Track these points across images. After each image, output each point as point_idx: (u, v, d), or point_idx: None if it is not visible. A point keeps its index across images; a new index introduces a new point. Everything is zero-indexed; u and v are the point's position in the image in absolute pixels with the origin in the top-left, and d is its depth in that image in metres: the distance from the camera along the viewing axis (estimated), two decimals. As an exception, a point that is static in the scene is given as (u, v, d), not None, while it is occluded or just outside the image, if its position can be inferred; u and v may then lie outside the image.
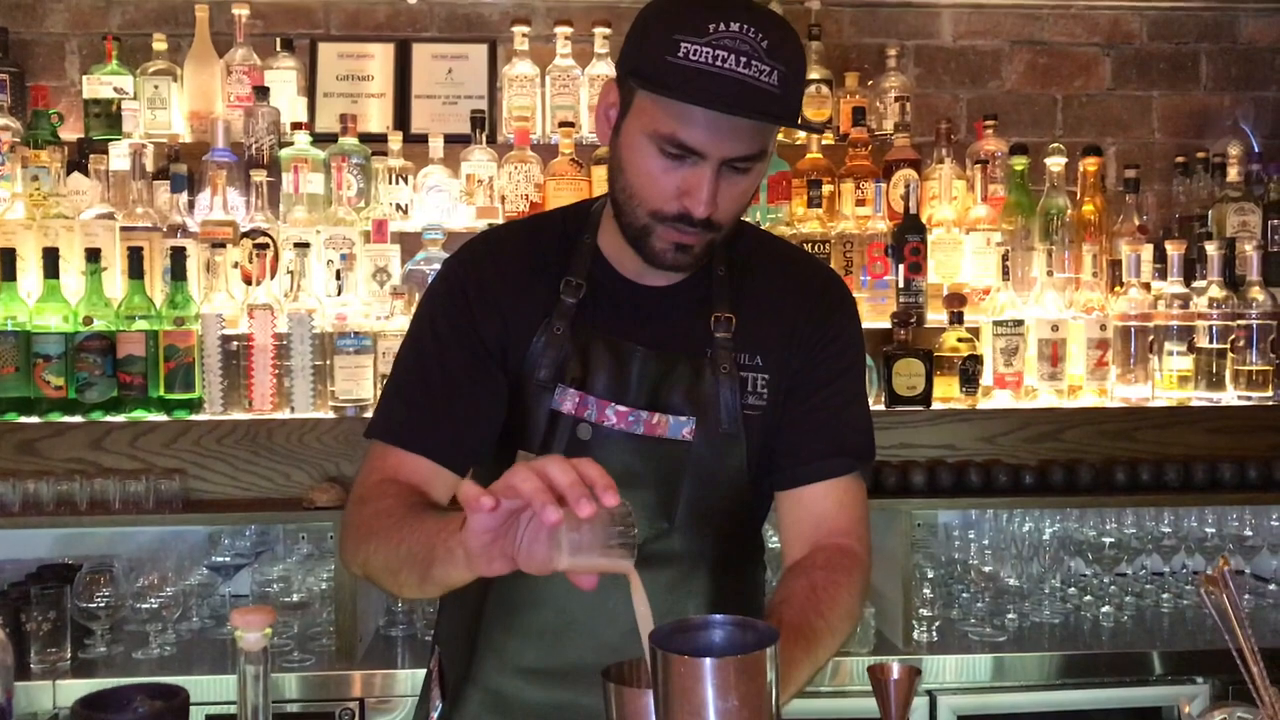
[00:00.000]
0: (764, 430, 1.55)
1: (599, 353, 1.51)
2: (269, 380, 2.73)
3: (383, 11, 3.34)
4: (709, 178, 1.36)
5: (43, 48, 3.27)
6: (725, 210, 1.41)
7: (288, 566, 2.84)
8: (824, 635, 1.40)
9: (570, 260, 1.55)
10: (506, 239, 1.65)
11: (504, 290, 1.53)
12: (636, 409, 1.50)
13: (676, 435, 1.51)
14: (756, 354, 1.54)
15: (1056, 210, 3.03)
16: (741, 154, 1.37)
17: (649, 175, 1.39)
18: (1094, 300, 2.92)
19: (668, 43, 1.32)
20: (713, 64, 1.30)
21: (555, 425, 1.51)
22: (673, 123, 1.35)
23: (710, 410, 1.51)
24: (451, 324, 1.53)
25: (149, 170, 2.92)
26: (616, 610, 1.50)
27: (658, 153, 1.37)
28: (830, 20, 3.38)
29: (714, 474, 1.53)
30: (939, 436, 2.80)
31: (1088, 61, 3.49)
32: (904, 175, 3.07)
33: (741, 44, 1.30)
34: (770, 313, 1.56)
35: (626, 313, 1.54)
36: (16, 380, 2.67)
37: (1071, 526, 2.94)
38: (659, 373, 1.51)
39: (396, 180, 3.02)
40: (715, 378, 1.51)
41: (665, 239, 1.42)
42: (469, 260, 1.59)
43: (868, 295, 2.92)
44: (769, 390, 1.54)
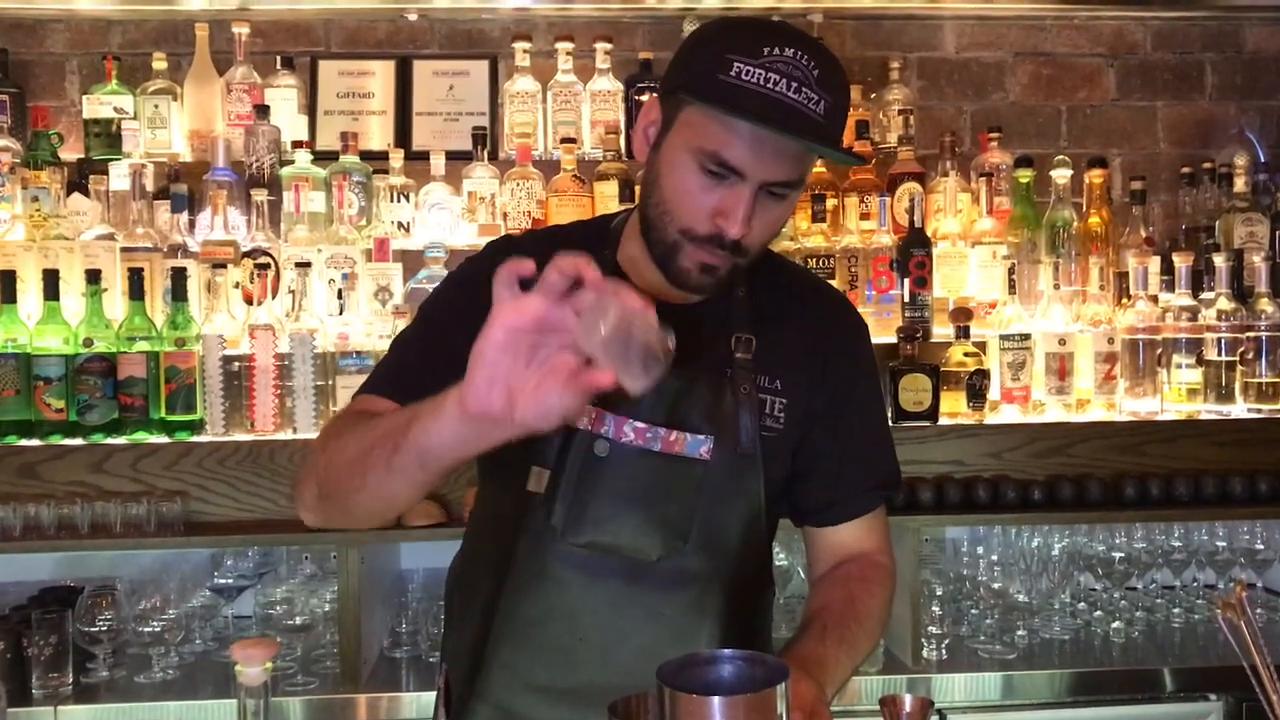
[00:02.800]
0: (780, 453, 1.56)
1: None
2: (271, 401, 2.71)
3: (383, 29, 3.33)
4: (747, 199, 1.37)
5: (43, 68, 3.26)
6: (756, 236, 1.42)
7: (291, 588, 2.81)
8: (860, 640, 1.49)
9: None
10: (526, 245, 1.62)
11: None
12: (654, 425, 1.50)
13: (694, 453, 1.51)
14: (775, 378, 1.55)
15: (1062, 223, 3.01)
16: (782, 178, 1.38)
17: (687, 192, 1.40)
18: (1101, 313, 2.90)
19: (720, 61, 1.34)
20: (764, 85, 1.31)
21: (570, 441, 1.50)
22: (718, 140, 1.36)
23: (729, 430, 1.51)
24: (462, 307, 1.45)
25: (149, 190, 2.91)
26: (629, 629, 1.51)
27: (699, 170, 1.38)
28: (832, 33, 3.37)
29: (730, 494, 1.53)
30: (946, 452, 2.78)
31: (1092, 72, 3.48)
32: (908, 189, 3.05)
33: (795, 70, 1.32)
34: (789, 337, 1.57)
35: None
36: (17, 403, 2.66)
37: (1080, 541, 2.91)
38: (678, 390, 1.50)
39: (398, 198, 3.00)
40: (735, 398, 1.51)
41: (693, 259, 1.43)
42: (497, 253, 1.58)
43: (873, 310, 2.90)
44: (785, 414, 1.55)
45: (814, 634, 1.48)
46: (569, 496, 1.49)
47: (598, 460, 1.50)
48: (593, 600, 1.51)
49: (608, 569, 1.51)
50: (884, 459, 1.66)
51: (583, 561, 1.51)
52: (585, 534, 1.50)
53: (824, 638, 1.46)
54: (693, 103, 1.38)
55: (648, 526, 1.50)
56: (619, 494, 1.50)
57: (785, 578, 2.81)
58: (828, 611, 1.51)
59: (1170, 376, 2.87)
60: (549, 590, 1.51)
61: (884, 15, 3.41)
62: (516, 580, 1.53)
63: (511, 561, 1.53)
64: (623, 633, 1.51)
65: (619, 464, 1.50)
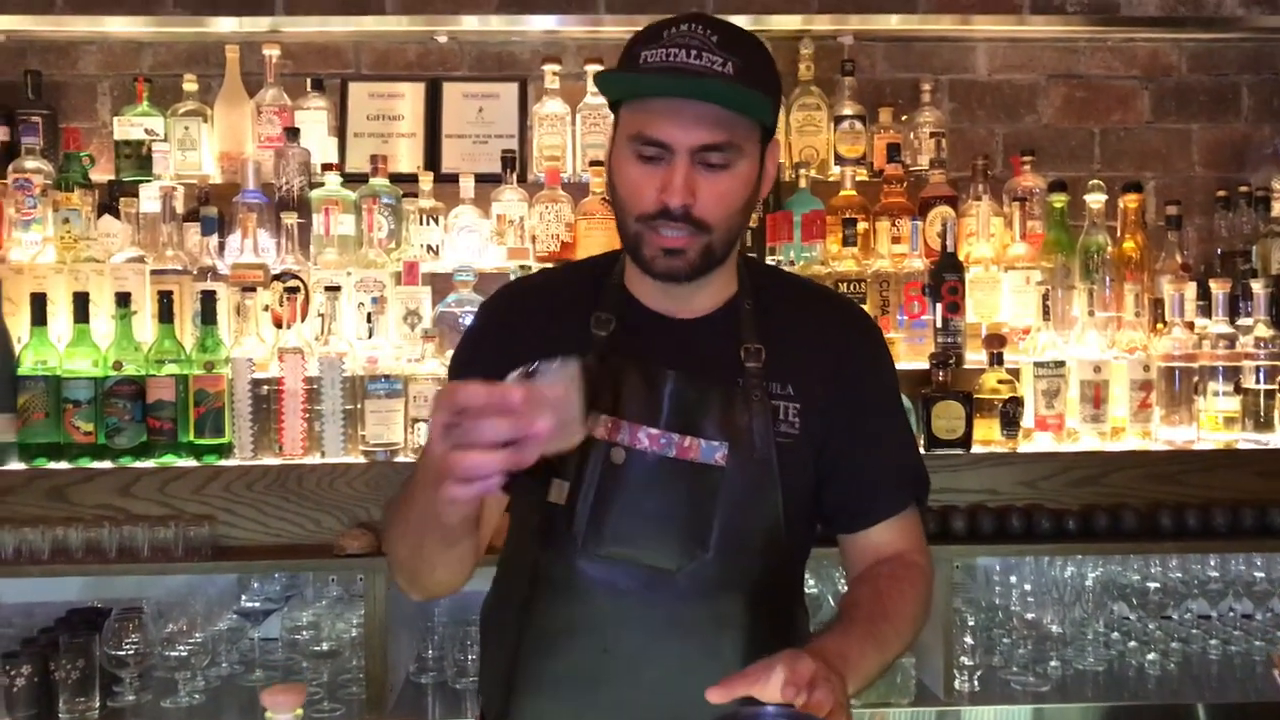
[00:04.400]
0: (798, 460, 1.56)
1: (631, 379, 1.54)
2: (299, 425, 2.70)
3: (413, 51, 3.33)
4: (680, 168, 1.43)
5: (75, 89, 3.28)
6: (709, 207, 1.45)
7: (317, 611, 2.80)
8: (890, 637, 1.49)
9: (599, 298, 1.60)
10: (536, 283, 1.76)
11: (535, 332, 1.56)
12: (668, 432, 1.52)
13: (709, 459, 1.52)
14: (788, 384, 1.57)
15: (1097, 248, 2.98)
16: (706, 141, 1.43)
17: (632, 182, 1.47)
18: (1136, 340, 2.87)
19: (631, 57, 1.45)
20: (667, 60, 1.41)
21: (589, 451, 1.51)
22: (640, 122, 1.44)
23: (743, 437, 1.53)
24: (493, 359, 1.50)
25: (179, 212, 2.91)
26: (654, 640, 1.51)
27: (636, 158, 1.45)
28: (863, 55, 3.35)
29: (748, 501, 1.53)
30: (979, 481, 2.74)
31: (1126, 95, 3.44)
32: (940, 212, 3.03)
33: (691, 39, 1.41)
34: (799, 343, 1.60)
35: (656, 344, 1.57)
36: (46, 426, 2.66)
37: (1114, 570, 2.87)
38: (691, 398, 1.53)
39: (427, 221, 3.00)
40: (747, 406, 1.53)
41: (654, 244, 1.47)
42: (500, 305, 1.69)
43: (905, 335, 2.88)
44: (800, 420, 1.56)
45: (838, 629, 1.48)
46: (588, 506, 1.51)
47: (615, 468, 1.52)
48: (617, 611, 1.52)
49: (630, 579, 1.51)
50: (908, 458, 1.67)
51: (606, 572, 1.52)
52: (605, 544, 1.51)
53: (848, 632, 1.46)
54: (623, 102, 1.49)
55: (666, 535, 1.51)
56: (637, 502, 1.51)
57: (815, 606, 2.78)
58: (855, 608, 1.52)
59: (1207, 405, 2.83)
60: (574, 601, 1.53)
61: (915, 37, 3.39)
62: (543, 593, 1.55)
63: (537, 574, 1.55)
64: (648, 644, 1.52)
65: (636, 471, 1.52)
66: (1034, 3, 3.37)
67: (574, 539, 1.52)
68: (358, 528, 2.61)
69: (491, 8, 3.28)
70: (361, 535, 2.58)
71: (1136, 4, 3.37)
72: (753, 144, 1.48)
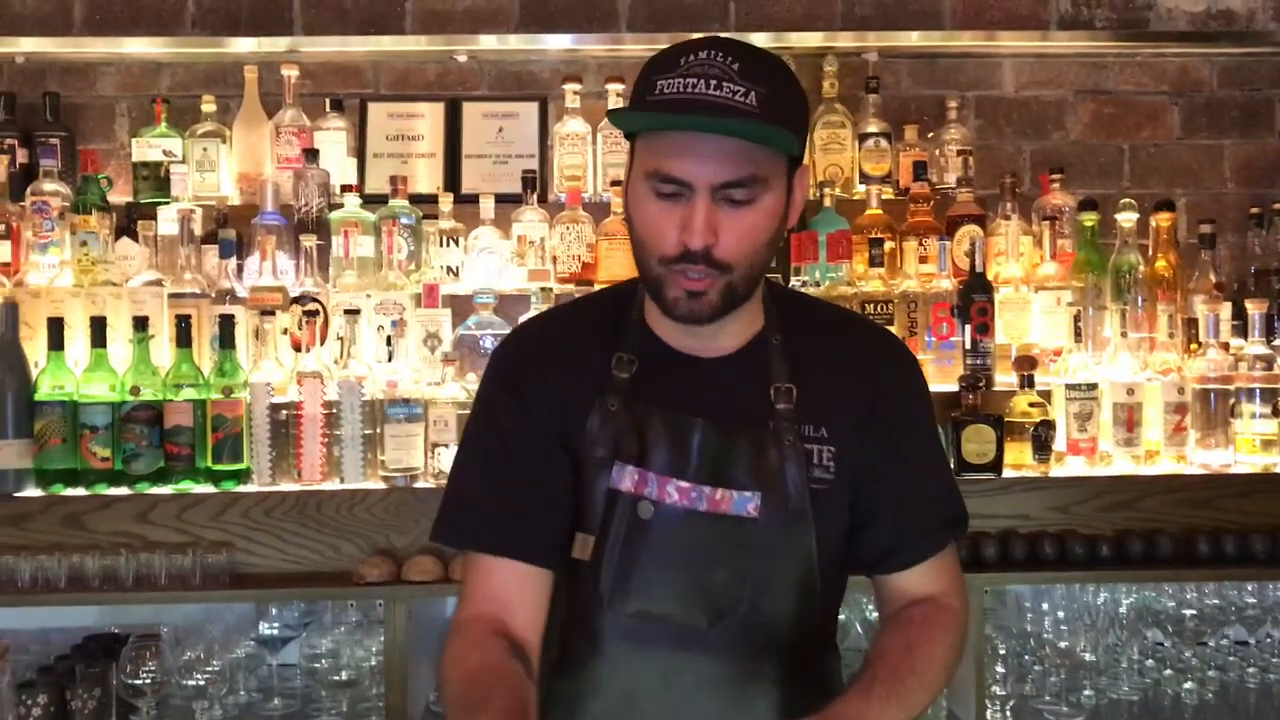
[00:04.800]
0: (833, 506, 1.49)
1: (656, 427, 1.47)
2: (318, 450, 2.67)
3: (432, 70, 3.31)
4: (701, 208, 1.35)
5: (94, 110, 3.26)
6: (731, 247, 1.37)
7: (336, 638, 2.77)
8: (916, 691, 1.43)
9: (620, 337, 1.52)
10: (553, 322, 1.67)
11: (555, 374, 1.51)
12: (698, 484, 1.45)
13: (741, 511, 1.45)
14: (821, 425, 1.49)
15: (1128, 267, 2.92)
16: (729, 178, 1.35)
17: (651, 221, 1.39)
18: (1170, 361, 2.81)
19: (646, 85, 1.37)
20: (684, 91, 1.32)
21: (614, 504, 1.46)
22: (657, 158, 1.36)
23: (775, 485, 1.46)
24: (512, 419, 1.51)
25: (197, 235, 2.88)
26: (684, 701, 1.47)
27: (654, 195, 1.37)
28: (888, 72, 3.32)
29: (781, 552, 1.47)
30: (1010, 506, 2.69)
31: (1155, 110, 3.40)
32: (968, 231, 2.98)
33: (710, 68, 1.32)
34: (833, 381, 1.52)
35: (681, 387, 1.49)
36: (63, 452, 2.63)
37: (1149, 596, 2.80)
38: (720, 447, 1.46)
39: (447, 242, 2.96)
40: (779, 451, 1.46)
41: (676, 286, 1.39)
42: (518, 348, 1.59)
43: (933, 357, 2.83)
44: (835, 463, 1.49)
45: (861, 686, 1.43)
46: (614, 562, 1.45)
47: (642, 523, 1.45)
48: (645, 671, 1.47)
49: (659, 637, 1.46)
50: (947, 496, 1.59)
51: (633, 631, 1.46)
52: (632, 602, 1.45)
53: (869, 692, 1.41)
54: (636, 134, 1.41)
55: (696, 593, 1.45)
56: (665, 559, 1.45)
57: (843, 632, 2.73)
58: (881, 662, 1.46)
59: (1243, 427, 2.76)
60: (599, 662, 1.48)
61: (940, 53, 3.35)
62: (568, 653, 1.49)
63: (564, 634, 1.49)
64: (679, 705, 1.46)
65: (664, 527, 1.45)
66: (1061, 18, 3.34)
67: (599, 597, 1.46)
68: (377, 555, 2.58)
69: (511, 26, 3.27)
70: (381, 563, 2.54)
71: (1166, 18, 3.33)
72: (779, 175, 1.39)
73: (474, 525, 1.49)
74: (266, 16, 3.23)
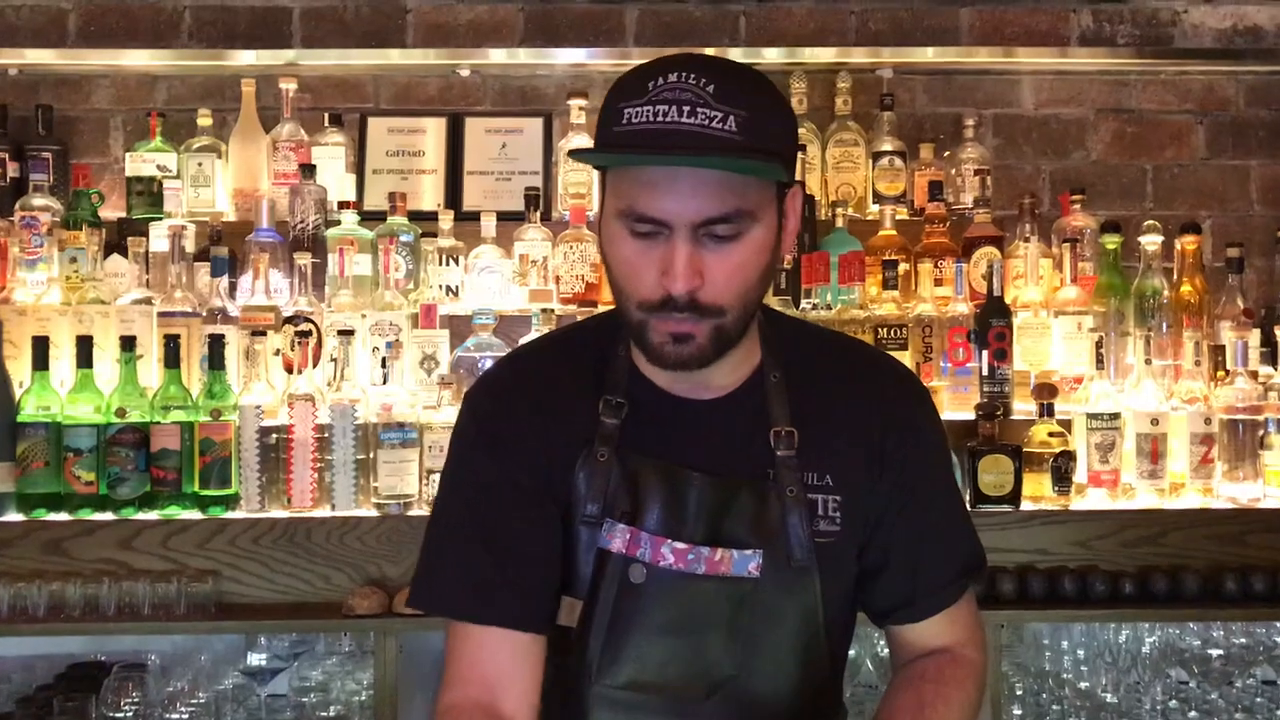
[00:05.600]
0: (840, 560, 1.39)
1: (650, 481, 1.35)
2: (309, 475, 2.58)
3: (434, 85, 3.23)
4: (681, 250, 1.22)
5: (88, 124, 3.19)
6: (719, 289, 1.24)
7: (328, 669, 2.68)
8: None
9: (605, 378, 1.39)
10: (533, 363, 1.50)
11: (538, 420, 1.39)
12: (695, 545, 1.33)
13: (741, 572, 1.34)
14: (826, 473, 1.38)
15: (1152, 291, 2.85)
16: (711, 215, 1.21)
17: (628, 264, 1.26)
18: (1196, 390, 2.72)
19: (614, 114, 1.23)
20: (655, 121, 1.19)
21: (604, 566, 1.34)
22: (630, 195, 1.23)
23: (778, 541, 1.34)
24: (493, 470, 1.38)
25: (189, 252, 2.80)
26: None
27: (629, 235, 1.25)
28: (903, 89, 3.24)
29: (784, 613, 1.36)
30: (1029, 540, 2.60)
31: (1179, 130, 3.30)
32: (986, 253, 2.89)
33: (682, 93, 1.19)
34: (838, 422, 1.40)
35: (674, 433, 1.38)
36: (46, 475, 2.56)
37: (1173, 635, 2.71)
38: (719, 502, 1.35)
39: (447, 261, 2.88)
40: (781, 504, 1.35)
41: (660, 330, 1.27)
42: (497, 394, 1.44)
43: (949, 384, 2.75)
44: (841, 513, 1.38)
45: None
46: (603, 630, 1.34)
47: (634, 588, 1.33)
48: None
49: (654, 710, 1.35)
50: (963, 542, 1.48)
51: (625, 703, 1.35)
52: (623, 673, 1.34)
53: None
54: (607, 169, 1.29)
55: (692, 661, 1.34)
56: (659, 626, 1.34)
57: (853, 669, 2.63)
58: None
59: (1273, 459, 2.66)
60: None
61: (957, 70, 3.27)
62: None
63: (545, 705, 1.37)
64: None
65: (658, 592, 1.33)
66: (1082, 34, 3.26)
67: (587, 668, 1.34)
68: (368, 586, 2.49)
69: (515, 40, 3.19)
70: (372, 594, 2.45)
71: (1191, 35, 3.25)
72: (766, 204, 1.26)
73: (457, 590, 1.35)
74: (265, 28, 3.16)
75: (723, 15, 3.22)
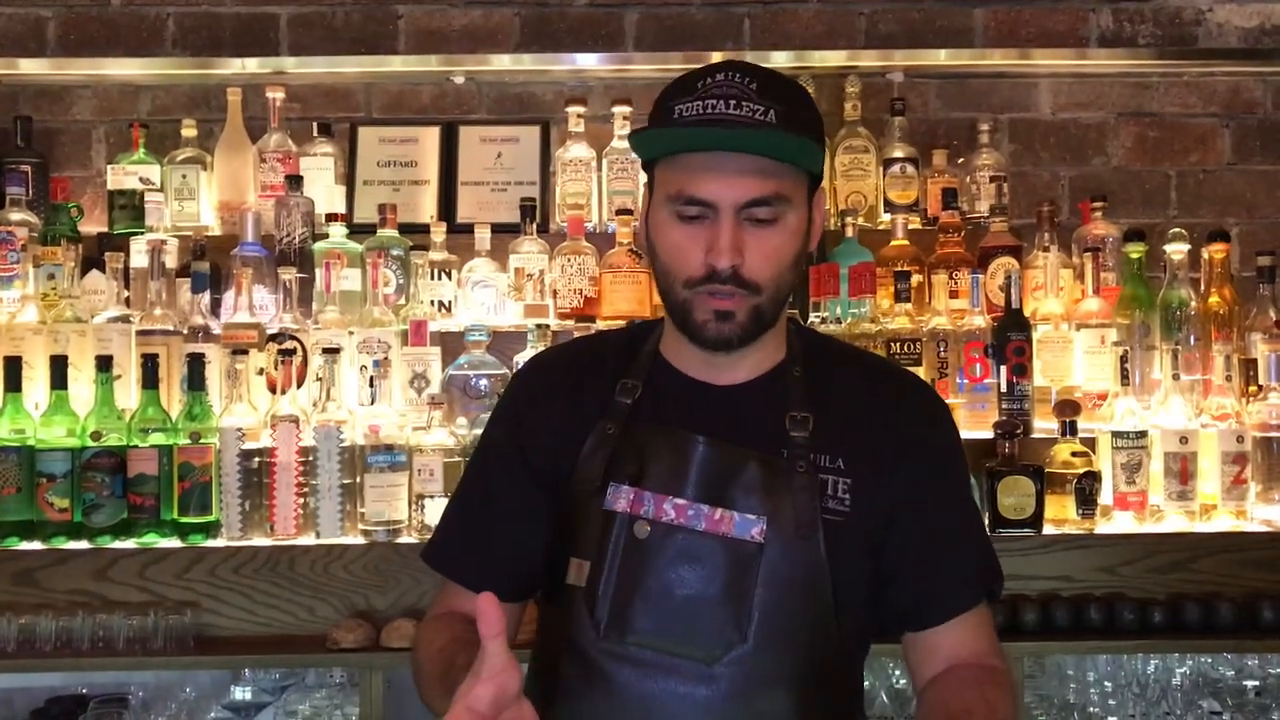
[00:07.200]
0: (850, 541, 1.42)
1: (655, 445, 1.43)
2: (293, 501, 2.47)
3: (427, 93, 3.13)
4: (726, 228, 1.36)
5: (69, 136, 3.10)
6: (758, 267, 1.37)
7: (315, 704, 2.57)
8: None
9: (630, 366, 1.51)
10: (569, 349, 1.73)
11: (558, 402, 1.51)
12: (696, 503, 1.39)
13: (744, 535, 1.38)
14: (838, 456, 1.44)
15: (1179, 303, 2.73)
16: (753, 196, 1.36)
17: (676, 246, 1.39)
18: (1227, 406, 2.61)
19: (665, 111, 1.39)
20: (704, 113, 1.34)
21: (610, 526, 1.41)
22: (680, 180, 1.37)
23: (784, 511, 1.39)
24: (501, 444, 1.55)
25: (170, 268, 2.69)
26: None
27: (677, 220, 1.38)
28: (915, 94, 3.13)
29: (792, 585, 1.39)
30: (1052, 566, 2.50)
31: (1205, 134, 3.19)
32: (1003, 264, 2.77)
33: (729, 89, 1.35)
34: (854, 416, 1.47)
35: (688, 410, 1.46)
36: (18, 502, 2.46)
37: (1205, 665, 2.60)
38: (724, 466, 1.41)
39: (439, 275, 2.77)
40: (789, 478, 1.40)
41: (704, 309, 1.39)
42: (527, 374, 1.64)
43: (965, 401, 2.63)
44: (851, 496, 1.43)
45: None
46: (610, 587, 1.39)
47: (639, 544, 1.39)
48: (649, 706, 1.37)
49: (663, 669, 1.37)
50: (979, 548, 1.53)
51: (632, 665, 1.38)
52: (630, 631, 1.38)
53: None
54: (657, 160, 1.42)
55: (698, 621, 1.37)
56: (665, 583, 1.38)
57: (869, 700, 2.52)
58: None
59: (1312, 480, 2.54)
60: (599, 698, 1.39)
61: (971, 73, 3.16)
62: (565, 688, 1.41)
63: (558, 667, 1.42)
64: None
65: (662, 547, 1.39)
66: (1102, 35, 3.16)
67: (595, 626, 1.39)
68: (354, 618, 2.39)
69: (511, 46, 3.10)
70: (357, 627, 2.35)
71: (1216, 34, 3.14)
72: (801, 194, 1.40)
73: (449, 553, 1.55)
74: (251, 36, 3.07)
75: (726, 18, 3.11)
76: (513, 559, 1.50)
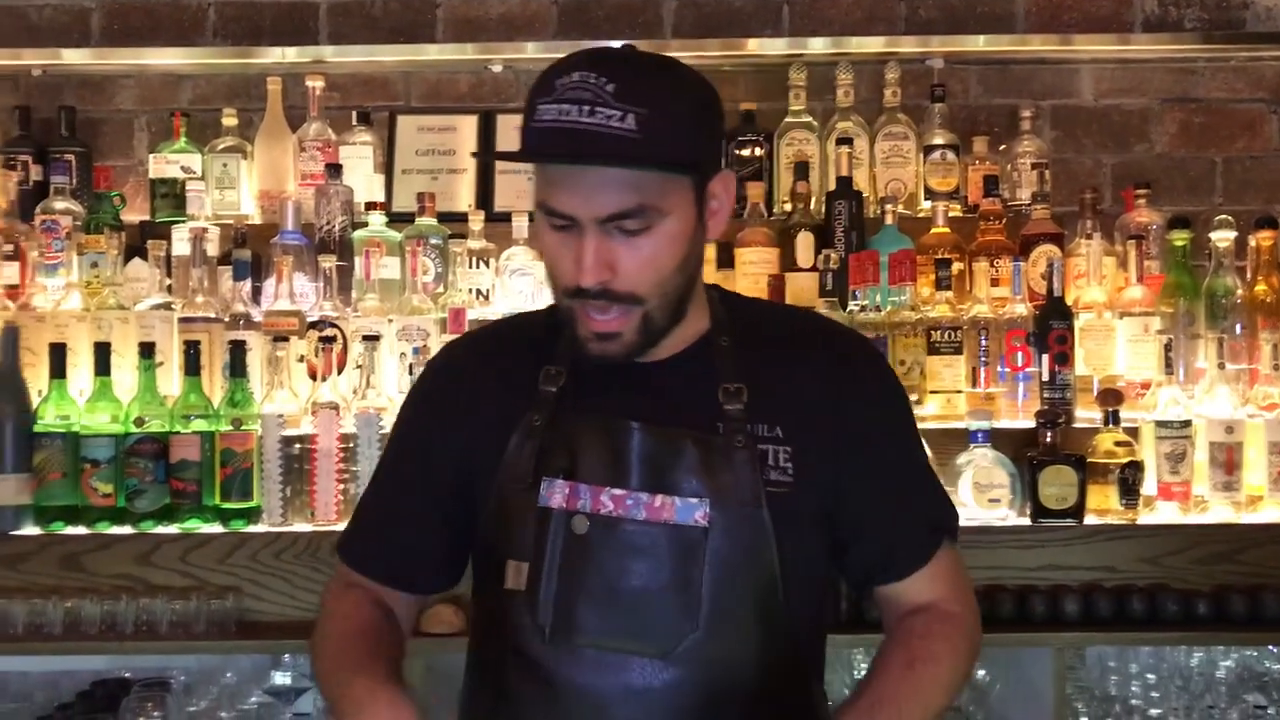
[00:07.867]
0: (795, 511, 1.37)
1: (587, 436, 1.37)
2: (333, 487, 2.50)
3: (465, 81, 3.14)
4: (590, 243, 1.28)
5: (112, 125, 3.12)
6: (633, 278, 1.30)
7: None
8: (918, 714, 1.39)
9: (553, 350, 1.43)
10: (483, 339, 1.61)
11: (476, 393, 1.46)
12: (635, 492, 1.34)
13: (687, 520, 1.34)
14: (776, 425, 1.38)
15: (1225, 291, 2.71)
16: (614, 211, 1.27)
17: (550, 253, 1.35)
18: (1274, 395, 2.59)
19: (530, 109, 1.30)
20: (557, 119, 1.25)
21: (546, 524, 1.35)
22: (542, 190, 1.31)
23: (726, 491, 1.34)
24: (413, 435, 1.52)
25: (211, 255, 2.71)
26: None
27: (549, 227, 1.32)
28: (955, 80, 3.10)
29: (739, 565, 1.35)
30: (1094, 556, 2.48)
31: (1252, 119, 3.14)
32: (1045, 251, 2.75)
33: (583, 92, 1.24)
34: (789, 380, 1.42)
35: (618, 395, 1.39)
36: (63, 487, 2.50)
37: (1250, 657, 2.58)
38: (660, 450, 1.36)
39: (477, 263, 2.78)
40: (728, 454, 1.35)
41: (585, 325, 1.33)
42: (442, 363, 1.56)
43: (1005, 390, 2.62)
44: (793, 464, 1.38)
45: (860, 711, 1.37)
46: (553, 588, 1.34)
47: (579, 540, 1.34)
48: (605, 707, 1.33)
49: (616, 667, 1.33)
50: (932, 498, 1.51)
51: (581, 666, 1.34)
52: (577, 632, 1.34)
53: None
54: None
55: (648, 615, 1.33)
56: (609, 578, 1.34)
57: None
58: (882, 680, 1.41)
59: (1359, 470, 2.52)
60: (552, 705, 1.35)
61: (1012, 59, 3.13)
62: (516, 697, 1.37)
63: (505, 677, 1.37)
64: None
65: (603, 541, 1.34)
66: (1146, 19, 3.11)
67: (540, 631, 1.34)
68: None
69: (549, 34, 3.09)
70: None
71: (1264, 18, 3.09)
72: (679, 195, 1.30)
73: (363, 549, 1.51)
74: (291, 25, 3.08)
75: (765, 4, 3.10)
76: (428, 553, 1.48)
